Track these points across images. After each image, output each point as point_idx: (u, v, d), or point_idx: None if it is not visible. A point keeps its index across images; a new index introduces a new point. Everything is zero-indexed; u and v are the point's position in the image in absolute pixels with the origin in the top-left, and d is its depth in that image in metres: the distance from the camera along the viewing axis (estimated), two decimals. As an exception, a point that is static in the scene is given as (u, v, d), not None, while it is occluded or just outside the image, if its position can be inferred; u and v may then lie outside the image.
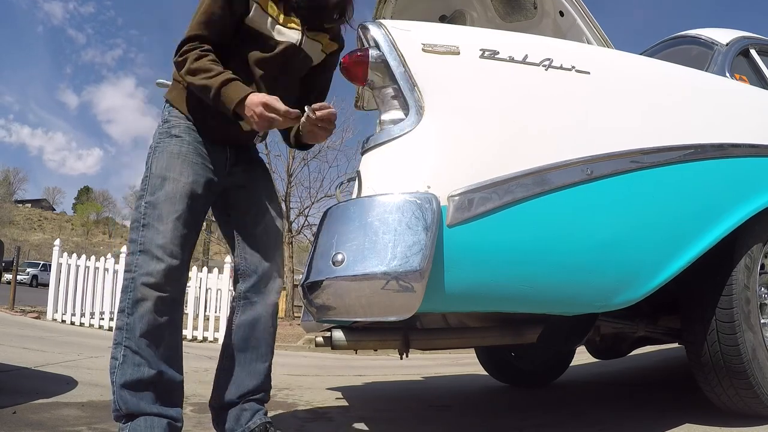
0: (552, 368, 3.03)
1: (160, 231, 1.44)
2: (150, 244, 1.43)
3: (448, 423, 2.14)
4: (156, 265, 1.41)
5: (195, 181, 1.52)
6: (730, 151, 1.61)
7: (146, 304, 1.39)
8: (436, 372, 3.99)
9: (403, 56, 1.33)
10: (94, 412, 1.99)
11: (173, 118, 1.58)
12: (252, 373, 1.62)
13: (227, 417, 1.60)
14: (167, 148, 1.53)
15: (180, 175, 1.50)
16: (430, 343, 2.10)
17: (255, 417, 1.58)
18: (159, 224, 1.45)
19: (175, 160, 1.51)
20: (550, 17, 2.04)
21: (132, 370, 1.38)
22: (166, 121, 1.58)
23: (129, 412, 1.37)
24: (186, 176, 1.51)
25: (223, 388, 1.62)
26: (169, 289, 1.43)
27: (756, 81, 2.04)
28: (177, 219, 1.46)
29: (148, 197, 1.48)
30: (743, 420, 1.62)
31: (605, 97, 1.50)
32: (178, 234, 1.45)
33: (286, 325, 9.76)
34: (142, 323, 1.39)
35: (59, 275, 6.97)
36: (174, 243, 1.44)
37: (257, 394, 1.62)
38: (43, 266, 24.50)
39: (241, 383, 1.61)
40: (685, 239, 1.47)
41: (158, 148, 1.54)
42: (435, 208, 1.21)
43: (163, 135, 1.56)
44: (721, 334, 1.55)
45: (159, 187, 1.48)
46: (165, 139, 1.55)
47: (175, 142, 1.54)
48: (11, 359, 3.12)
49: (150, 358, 1.39)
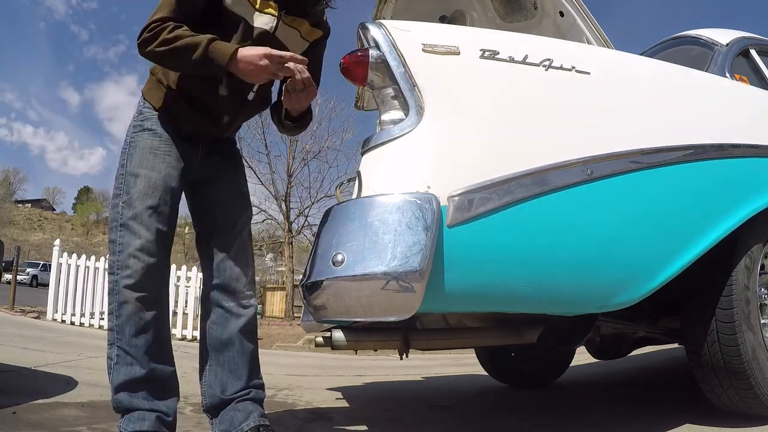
0: (552, 368, 3.03)
1: (136, 231, 1.45)
2: (128, 245, 1.44)
3: (448, 423, 2.14)
4: (135, 266, 1.42)
5: (168, 174, 1.51)
6: (730, 151, 1.61)
7: (130, 306, 1.42)
8: (436, 372, 3.99)
9: (403, 56, 1.33)
10: (94, 412, 1.99)
11: (146, 110, 1.57)
12: (234, 372, 1.58)
13: (221, 419, 1.57)
14: (140, 143, 1.53)
15: (152, 171, 1.50)
16: (430, 344, 2.09)
17: (249, 418, 1.53)
18: (135, 223, 1.45)
19: (148, 155, 1.51)
20: (551, 17, 2.04)
21: (125, 370, 1.43)
22: (140, 113, 1.57)
23: (125, 408, 1.43)
24: (158, 171, 1.50)
25: (210, 390, 1.60)
26: (151, 287, 1.45)
27: (756, 81, 2.04)
28: (151, 216, 1.47)
29: (124, 196, 1.49)
30: (743, 420, 1.62)
31: (605, 98, 1.50)
32: (154, 231, 1.46)
33: (286, 325, 9.77)
34: (129, 324, 1.42)
35: (59, 275, 6.98)
36: (151, 241, 1.45)
37: (248, 393, 1.58)
38: (43, 266, 24.47)
39: (227, 383, 1.57)
40: (685, 239, 1.47)
41: (132, 143, 1.54)
42: (435, 208, 1.21)
43: (136, 128, 1.55)
44: (721, 335, 1.55)
45: (133, 184, 1.49)
46: (138, 133, 1.54)
47: (148, 136, 1.53)
48: (11, 359, 3.12)
49: (140, 356, 1.43)
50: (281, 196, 12.64)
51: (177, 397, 1.53)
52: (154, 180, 1.49)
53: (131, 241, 1.44)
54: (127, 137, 1.57)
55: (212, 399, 1.59)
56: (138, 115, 1.58)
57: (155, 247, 1.46)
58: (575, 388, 3.00)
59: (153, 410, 1.44)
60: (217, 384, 1.58)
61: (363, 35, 1.41)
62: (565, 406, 2.48)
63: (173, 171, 1.53)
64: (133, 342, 1.42)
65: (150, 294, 1.45)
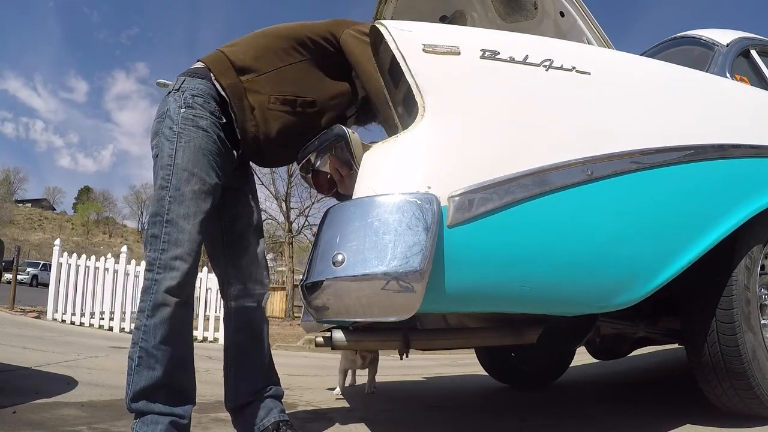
0: (552, 369, 3.03)
1: (185, 230, 1.39)
2: (175, 245, 1.38)
3: (448, 423, 2.14)
4: (181, 268, 1.37)
5: (217, 184, 1.48)
6: (730, 151, 1.61)
7: (167, 310, 1.37)
8: (436, 372, 3.99)
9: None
10: (94, 412, 1.99)
11: (198, 107, 1.48)
12: (258, 370, 1.66)
13: (244, 416, 1.63)
14: (194, 141, 1.45)
15: (207, 176, 1.45)
16: (430, 344, 2.10)
17: (270, 414, 1.61)
18: (185, 223, 1.39)
19: (203, 158, 1.45)
20: (551, 18, 2.04)
21: (147, 374, 1.37)
22: (190, 107, 1.48)
23: (140, 411, 1.40)
24: (212, 177, 1.46)
25: (234, 388, 1.65)
26: (189, 291, 1.42)
27: (756, 82, 2.04)
28: (202, 221, 1.42)
29: (172, 191, 1.41)
30: (743, 420, 1.62)
31: (606, 98, 1.50)
32: (200, 236, 1.42)
33: (286, 325, 9.77)
34: (161, 328, 1.37)
35: (59, 275, 6.98)
36: (198, 245, 1.42)
37: (269, 390, 1.65)
38: (43, 266, 24.49)
39: (251, 381, 1.64)
40: (685, 240, 1.47)
41: (183, 136, 1.45)
42: (435, 208, 1.21)
43: (187, 122, 1.46)
44: (721, 335, 1.55)
45: (186, 182, 1.41)
46: (190, 128, 1.46)
47: (202, 136, 1.46)
48: (11, 359, 3.13)
49: (164, 361, 1.38)
50: (281, 196, 12.67)
51: (193, 403, 1.50)
52: (209, 185, 1.45)
53: (179, 242, 1.38)
54: (174, 125, 1.46)
55: (241, 395, 1.64)
56: (187, 108, 1.47)
57: (198, 253, 1.42)
58: (575, 388, 3.00)
59: (168, 414, 1.41)
60: (241, 383, 1.65)
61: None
62: (565, 407, 2.48)
63: (220, 181, 1.50)
64: (160, 346, 1.37)
65: (187, 299, 1.42)
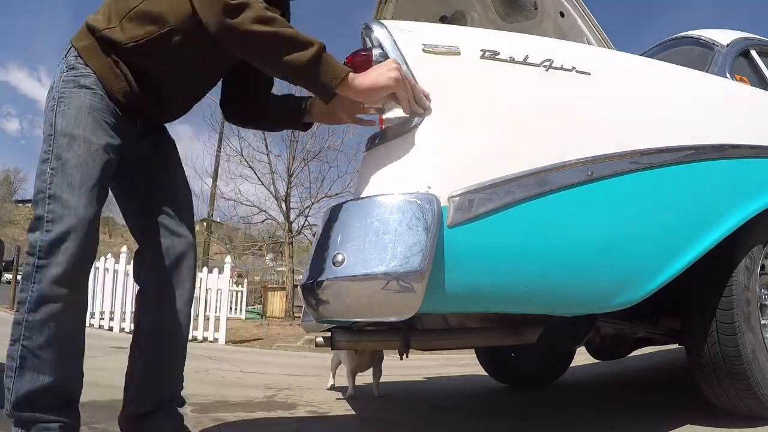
0: (552, 369, 3.03)
1: (71, 205, 1.17)
2: (59, 222, 1.16)
3: (449, 423, 2.14)
4: (69, 251, 1.15)
5: (109, 143, 1.25)
6: (730, 152, 1.61)
7: (55, 305, 1.16)
8: (436, 372, 3.99)
9: (404, 57, 1.33)
10: (94, 412, 1.99)
11: (81, 66, 1.29)
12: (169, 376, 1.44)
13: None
14: (75, 100, 1.25)
15: (93, 135, 1.23)
16: (430, 344, 2.09)
17: None
18: (70, 196, 1.17)
19: (87, 116, 1.24)
20: (551, 18, 2.04)
21: (31, 378, 1.17)
22: (73, 68, 1.29)
23: (24, 421, 1.19)
24: (100, 137, 1.24)
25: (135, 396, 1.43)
26: (82, 280, 1.21)
27: (756, 82, 2.04)
28: (92, 189, 1.20)
29: (53, 161, 1.20)
30: (744, 421, 1.62)
31: (606, 98, 1.50)
32: (91, 210, 1.19)
33: (286, 325, 9.77)
34: (49, 325, 1.17)
35: (59, 275, 6.96)
36: (87, 221, 1.18)
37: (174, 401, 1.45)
38: (43, 266, 24.44)
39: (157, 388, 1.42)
40: (685, 240, 1.47)
41: (62, 99, 1.26)
42: (435, 208, 1.21)
43: (68, 84, 1.27)
44: (721, 335, 1.55)
45: (67, 147, 1.21)
46: (72, 89, 1.27)
47: (85, 94, 1.26)
48: (11, 359, 3.12)
49: (51, 362, 1.18)
50: (281, 196, 12.62)
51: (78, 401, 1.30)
52: (97, 146, 1.23)
53: (64, 218, 1.16)
54: (55, 92, 1.28)
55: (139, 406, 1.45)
56: (69, 69, 1.29)
57: (93, 230, 1.19)
58: (575, 388, 3.00)
59: (57, 421, 1.20)
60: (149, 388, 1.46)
61: (366, 35, 1.41)
62: (566, 407, 2.48)
63: (113, 141, 1.27)
64: (47, 347, 1.16)
65: (79, 290, 1.21)
